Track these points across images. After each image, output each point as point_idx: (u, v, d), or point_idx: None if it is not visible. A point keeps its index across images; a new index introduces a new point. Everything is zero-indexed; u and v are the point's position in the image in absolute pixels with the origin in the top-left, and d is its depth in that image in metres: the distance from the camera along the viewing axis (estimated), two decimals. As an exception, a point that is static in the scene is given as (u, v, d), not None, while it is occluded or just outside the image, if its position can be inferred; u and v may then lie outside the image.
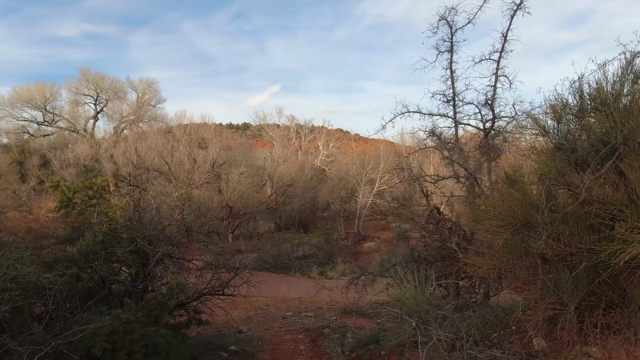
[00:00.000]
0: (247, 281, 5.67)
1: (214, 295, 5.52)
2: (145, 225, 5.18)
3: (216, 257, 5.68)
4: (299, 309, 10.17)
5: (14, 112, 43.77)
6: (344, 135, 64.60)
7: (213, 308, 6.22)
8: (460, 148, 5.69)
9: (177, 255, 5.25)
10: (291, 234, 29.34)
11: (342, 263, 19.54)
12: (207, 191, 24.47)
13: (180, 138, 30.91)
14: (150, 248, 4.81)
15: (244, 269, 5.65)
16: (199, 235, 5.58)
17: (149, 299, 3.87)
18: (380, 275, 6.95)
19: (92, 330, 3.08)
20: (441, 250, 5.33)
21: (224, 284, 5.47)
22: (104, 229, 5.00)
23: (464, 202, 5.75)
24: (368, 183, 36.69)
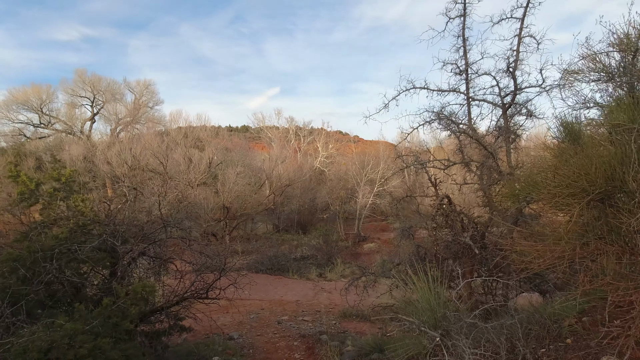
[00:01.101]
0: (234, 283, 5.07)
1: (197, 299, 4.92)
2: (116, 219, 4.60)
3: (199, 257, 5.09)
4: (296, 313, 9.56)
5: (10, 115, 43.31)
6: (343, 137, 64.21)
7: (200, 313, 5.62)
8: (474, 128, 5.08)
9: (151, 254, 4.67)
10: (290, 235, 28.76)
11: (341, 264, 18.94)
12: (204, 191, 23.86)
13: (176, 138, 30.37)
14: (119, 245, 4.23)
15: (231, 269, 5.05)
16: (178, 231, 4.99)
17: (105, 305, 3.27)
18: (382, 276, 6.36)
19: (23, 346, 2.51)
20: (452, 246, 4.75)
21: (208, 287, 4.88)
22: (71, 224, 4.43)
23: (479, 191, 5.17)
24: (368, 183, 36.16)
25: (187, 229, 5.08)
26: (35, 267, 3.51)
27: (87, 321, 3.02)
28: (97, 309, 3.21)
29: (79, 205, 4.70)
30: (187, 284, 5.11)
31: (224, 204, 24.03)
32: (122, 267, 4.25)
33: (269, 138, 55.57)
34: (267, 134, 56.89)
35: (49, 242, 3.74)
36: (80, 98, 46.71)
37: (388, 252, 24.73)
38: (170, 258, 4.68)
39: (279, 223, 31.65)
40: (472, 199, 5.77)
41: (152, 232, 4.65)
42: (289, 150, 49.34)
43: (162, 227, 4.71)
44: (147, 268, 4.69)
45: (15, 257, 3.46)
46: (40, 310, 3.50)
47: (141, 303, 3.37)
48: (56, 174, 5.54)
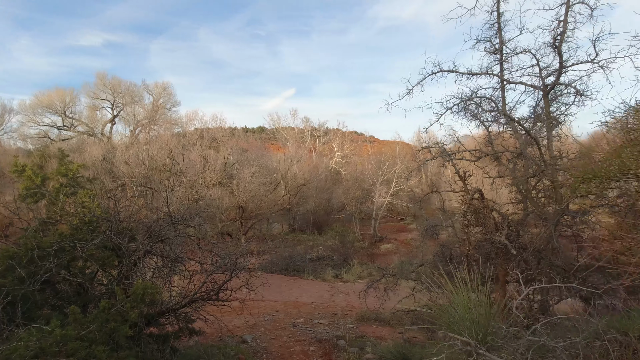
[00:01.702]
0: (246, 284, 4.78)
1: (207, 300, 4.65)
2: (121, 216, 4.37)
3: (209, 256, 4.81)
4: (312, 315, 9.22)
5: (36, 118, 44.77)
6: (358, 137, 63.72)
7: (211, 314, 5.35)
8: (508, 114, 4.57)
9: (158, 253, 4.42)
10: (305, 236, 28.49)
11: (358, 265, 18.51)
12: (219, 191, 23.86)
13: (192, 139, 30.59)
14: (124, 243, 3.99)
15: (243, 269, 4.76)
16: (188, 229, 4.73)
17: (103, 308, 3.01)
18: (404, 278, 5.95)
19: (6, 353, 2.26)
20: (484, 246, 4.31)
21: (219, 288, 4.60)
22: (75, 221, 4.23)
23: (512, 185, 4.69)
24: (384, 183, 35.58)
25: (196, 226, 4.83)
26: (32, 265, 3.29)
27: (82, 325, 2.76)
28: (94, 313, 2.96)
29: (85, 201, 4.51)
30: (197, 284, 4.85)
31: (240, 203, 23.97)
32: (127, 266, 4.01)
33: (284, 138, 55.63)
34: (282, 134, 56.98)
35: (50, 239, 3.53)
36: (101, 101, 47.92)
37: (406, 253, 24.14)
38: (178, 257, 4.43)
39: (294, 223, 31.43)
40: (504, 195, 5.30)
41: (159, 230, 4.42)
42: (305, 151, 49.20)
43: (170, 224, 4.47)
44: (154, 268, 4.44)
45: (11, 255, 3.24)
46: (41, 312, 3.28)
47: (142, 306, 3.10)
48: (63, 169, 5.41)
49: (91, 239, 3.81)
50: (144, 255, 4.27)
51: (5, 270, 3.18)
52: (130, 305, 3.01)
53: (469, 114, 4.83)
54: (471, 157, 4.76)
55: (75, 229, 4.01)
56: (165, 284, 4.49)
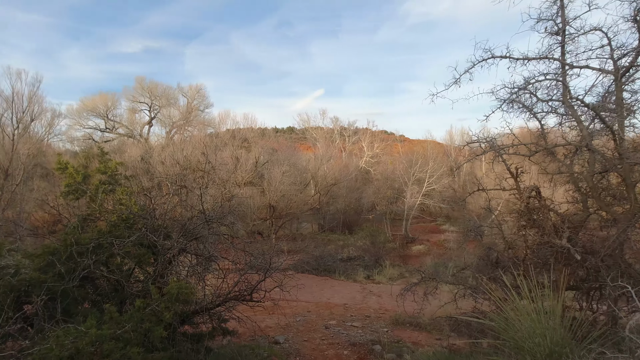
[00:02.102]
0: (280, 285, 4.65)
1: (240, 301, 4.56)
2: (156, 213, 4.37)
3: (242, 255, 4.73)
4: (344, 317, 9.01)
5: (81, 121, 47.55)
6: (388, 137, 62.79)
7: (244, 315, 5.28)
8: (570, 104, 4.11)
9: (192, 251, 4.37)
10: (335, 236, 28.29)
11: (390, 267, 18.09)
12: (250, 191, 24.16)
13: (224, 139, 31.22)
14: (159, 241, 3.96)
15: (276, 270, 4.63)
16: (221, 227, 4.67)
17: (138, 307, 2.96)
18: (445, 282, 5.59)
19: (41, 354, 2.23)
20: (541, 250, 3.90)
21: (252, 288, 4.49)
22: (113, 218, 4.28)
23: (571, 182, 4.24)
24: (416, 183, 34.72)
25: (230, 224, 4.76)
26: (71, 262, 3.32)
27: (118, 324, 2.72)
28: (129, 312, 2.92)
29: (122, 199, 4.57)
30: (230, 284, 4.78)
31: (270, 202, 24.14)
32: (162, 264, 3.98)
33: (313, 138, 55.70)
34: (312, 134, 57.10)
35: (88, 235, 3.56)
36: (140, 104, 50.15)
37: (440, 255, 23.37)
38: (212, 256, 4.37)
39: (324, 223, 31.31)
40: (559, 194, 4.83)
41: (193, 228, 4.38)
42: (334, 150, 49.02)
43: (204, 222, 4.42)
44: (188, 266, 4.41)
45: (51, 251, 3.29)
46: (80, 307, 3.30)
47: (176, 306, 3.03)
48: (102, 166, 5.55)
49: (127, 236, 3.82)
50: (178, 254, 4.24)
51: (46, 266, 3.23)
52: (165, 305, 2.95)
53: (518, 106, 4.41)
54: (526, 151, 4.34)
55: (113, 225, 4.04)
56: (199, 282, 4.44)
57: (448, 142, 55.95)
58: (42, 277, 3.04)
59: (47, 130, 39.40)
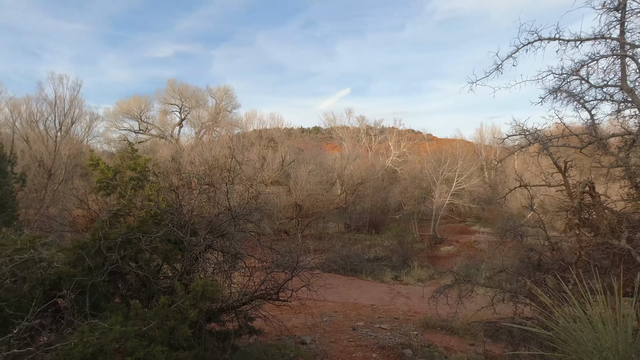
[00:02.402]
0: (307, 284, 4.52)
1: (267, 299, 4.48)
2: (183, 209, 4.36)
3: (269, 253, 4.64)
4: (372, 319, 8.79)
5: (117, 123, 49.81)
6: (415, 136, 61.64)
7: (270, 314, 5.20)
8: (630, 89, 3.71)
9: (218, 248, 4.33)
10: (362, 235, 28.00)
11: (419, 268, 17.63)
12: (276, 189, 24.31)
13: (251, 138, 31.65)
14: (185, 237, 3.94)
15: (304, 269, 4.51)
16: (248, 224, 4.60)
17: (162, 304, 2.92)
18: (483, 285, 5.27)
19: (65, 351, 2.21)
20: (595, 251, 3.55)
21: (279, 287, 4.40)
22: (142, 213, 4.31)
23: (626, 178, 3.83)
24: (444, 182, 33.77)
25: (257, 221, 4.68)
26: (99, 256, 3.34)
27: (144, 321, 2.69)
28: (154, 309, 2.88)
29: (151, 195, 4.61)
30: (256, 282, 4.70)
31: (296, 201, 24.18)
32: (188, 261, 3.96)
33: (339, 138, 55.51)
34: (338, 133, 56.94)
35: (117, 230, 3.59)
36: (171, 105, 51.86)
37: (470, 257, 22.58)
38: (238, 253, 4.31)
39: (351, 222, 31.04)
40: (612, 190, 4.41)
41: (220, 225, 4.34)
42: (360, 149, 48.61)
43: (230, 219, 4.38)
44: (215, 264, 4.37)
45: (81, 245, 3.33)
46: (109, 302, 3.32)
47: (202, 304, 2.96)
48: (132, 163, 5.66)
49: (155, 231, 3.82)
50: (204, 250, 4.21)
51: (76, 260, 3.27)
52: (190, 302, 2.89)
53: (564, 96, 4.02)
54: (577, 142, 3.95)
55: (141, 221, 4.06)
56: (225, 280, 4.40)
57: (478, 141, 54.11)
58: (71, 271, 3.07)
59: (86, 132, 41.47)
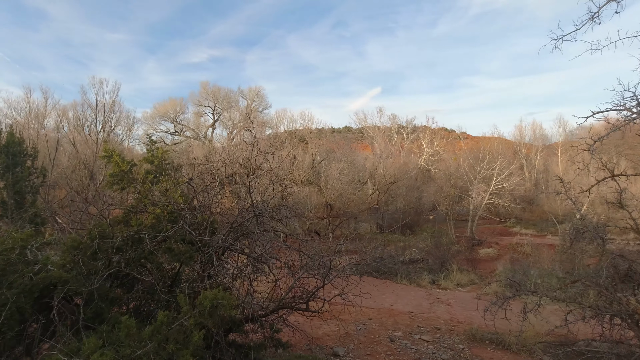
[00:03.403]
0: (341, 293, 3.92)
1: (295, 309, 3.92)
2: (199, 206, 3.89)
3: (297, 256, 4.08)
4: (411, 328, 8.03)
5: (154, 126, 51.76)
6: (449, 134, 59.51)
7: (298, 321, 4.64)
8: None
9: (238, 249, 3.82)
10: (395, 236, 27.04)
11: (457, 271, 16.51)
12: (307, 189, 23.88)
13: (281, 138, 31.52)
14: (198, 237, 3.46)
15: (337, 275, 3.91)
16: (273, 223, 4.06)
17: (160, 322, 2.41)
18: (555, 299, 4.42)
19: None
20: None
21: (309, 295, 3.83)
22: (158, 211, 3.89)
23: None
24: (482, 181, 31.95)
25: (283, 219, 4.14)
26: (98, 259, 2.92)
27: (140, 343, 2.20)
28: (149, 328, 2.38)
29: (168, 190, 4.21)
30: (283, 289, 4.15)
31: (327, 201, 23.63)
32: (201, 264, 3.48)
33: (371, 137, 54.55)
34: (369, 132, 56.03)
35: (120, 229, 3.16)
36: (204, 107, 53.19)
37: (513, 260, 21.03)
38: (262, 256, 3.77)
39: (383, 223, 30.05)
40: None
41: (241, 223, 3.83)
42: (392, 148, 47.38)
43: (253, 216, 3.86)
44: (234, 267, 3.87)
45: (76, 245, 2.90)
46: (112, 312, 2.88)
47: (211, 321, 2.44)
48: (150, 155, 5.32)
49: (165, 230, 3.36)
50: (222, 253, 3.72)
51: (71, 263, 2.86)
52: (195, 320, 2.37)
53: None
54: None
55: (155, 218, 3.64)
56: (247, 286, 3.88)
57: (517, 138, 51.13)
58: (64, 276, 2.65)
59: (126, 134, 43.25)
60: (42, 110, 30.18)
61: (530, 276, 11.58)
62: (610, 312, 3.48)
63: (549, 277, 11.92)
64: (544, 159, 47.96)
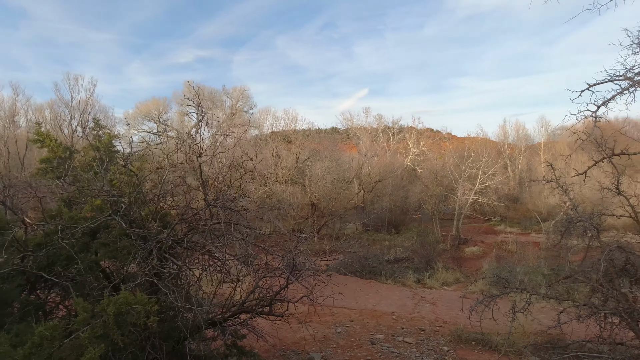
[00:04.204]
0: (308, 294, 3.45)
1: (256, 314, 3.43)
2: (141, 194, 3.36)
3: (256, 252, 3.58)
4: (394, 330, 7.62)
5: (136, 126, 50.41)
6: (434, 135, 59.98)
7: (278, 325, 4.16)
8: None
9: (187, 245, 3.29)
10: (380, 235, 26.74)
11: (443, 270, 16.25)
12: (291, 188, 23.36)
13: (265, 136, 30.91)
14: (133, 229, 2.94)
15: (303, 273, 3.43)
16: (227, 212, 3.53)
17: (40, 335, 1.88)
18: (546, 296, 4.05)
19: None
20: None
21: (271, 298, 3.35)
22: (97, 202, 3.35)
23: None
24: (467, 180, 32.07)
25: (241, 209, 3.61)
26: None
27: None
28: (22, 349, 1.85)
29: (113, 180, 3.67)
30: (247, 290, 3.66)
31: (312, 200, 23.16)
32: (142, 261, 2.95)
33: (357, 137, 54.39)
34: (355, 133, 55.87)
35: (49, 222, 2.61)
36: (188, 107, 52.11)
37: (498, 258, 20.97)
38: (207, 251, 3.25)
39: (369, 222, 29.76)
40: None
41: (192, 215, 3.32)
42: (378, 148, 47.28)
43: (205, 207, 3.36)
44: (178, 266, 3.35)
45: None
46: (14, 325, 2.34)
47: (118, 333, 1.94)
48: (96, 141, 4.77)
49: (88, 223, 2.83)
50: (167, 248, 3.20)
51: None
52: (92, 333, 1.83)
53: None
54: None
55: (97, 210, 3.10)
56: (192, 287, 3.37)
57: (501, 139, 51.76)
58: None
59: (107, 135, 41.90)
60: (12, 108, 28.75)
61: (516, 273, 11.34)
62: (609, 311, 3.12)
63: (534, 274, 11.72)
64: (527, 158, 48.73)
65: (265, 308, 3.46)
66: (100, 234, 3.00)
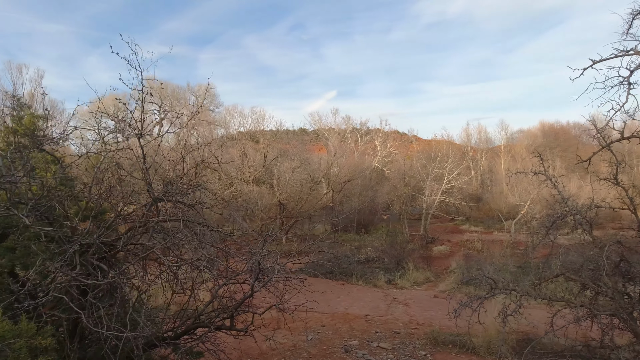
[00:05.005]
0: (279, 302, 2.93)
1: (215, 329, 2.86)
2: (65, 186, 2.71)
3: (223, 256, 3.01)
4: (368, 335, 7.23)
5: (92, 123, 47.31)
6: (401, 137, 61.23)
7: (235, 336, 3.57)
8: None
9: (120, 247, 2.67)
10: (350, 236, 26.53)
11: (413, 269, 16.19)
12: (259, 188, 22.58)
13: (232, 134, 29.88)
14: (50, 229, 2.31)
15: (271, 279, 2.91)
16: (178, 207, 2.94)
17: None
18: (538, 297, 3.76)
19: None
20: None
21: (233, 309, 2.80)
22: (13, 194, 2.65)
23: None
24: (434, 180, 32.73)
25: (197, 204, 3.04)
26: None
27: None
28: None
29: (39, 170, 3.00)
30: (204, 300, 3.07)
31: (280, 200, 22.51)
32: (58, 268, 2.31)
33: (325, 138, 54.26)
34: (324, 134, 55.76)
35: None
36: (149, 104, 49.61)
37: (466, 256, 21.38)
38: (148, 256, 2.65)
39: (338, 222, 29.52)
40: None
41: (132, 212, 2.71)
42: (347, 149, 47.37)
43: (151, 202, 2.76)
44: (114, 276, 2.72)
45: None
46: None
47: None
48: (15, 124, 4.03)
49: None
50: (101, 253, 2.57)
51: None
52: None
53: None
54: None
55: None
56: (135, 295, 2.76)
57: (464, 141, 53.53)
58: None
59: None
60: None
61: (486, 271, 11.37)
62: (608, 312, 2.87)
63: (503, 272, 11.83)
64: (489, 160, 50.79)
65: (225, 321, 2.91)
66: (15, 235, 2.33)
